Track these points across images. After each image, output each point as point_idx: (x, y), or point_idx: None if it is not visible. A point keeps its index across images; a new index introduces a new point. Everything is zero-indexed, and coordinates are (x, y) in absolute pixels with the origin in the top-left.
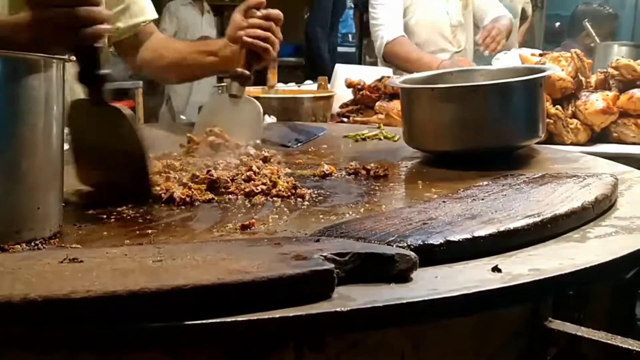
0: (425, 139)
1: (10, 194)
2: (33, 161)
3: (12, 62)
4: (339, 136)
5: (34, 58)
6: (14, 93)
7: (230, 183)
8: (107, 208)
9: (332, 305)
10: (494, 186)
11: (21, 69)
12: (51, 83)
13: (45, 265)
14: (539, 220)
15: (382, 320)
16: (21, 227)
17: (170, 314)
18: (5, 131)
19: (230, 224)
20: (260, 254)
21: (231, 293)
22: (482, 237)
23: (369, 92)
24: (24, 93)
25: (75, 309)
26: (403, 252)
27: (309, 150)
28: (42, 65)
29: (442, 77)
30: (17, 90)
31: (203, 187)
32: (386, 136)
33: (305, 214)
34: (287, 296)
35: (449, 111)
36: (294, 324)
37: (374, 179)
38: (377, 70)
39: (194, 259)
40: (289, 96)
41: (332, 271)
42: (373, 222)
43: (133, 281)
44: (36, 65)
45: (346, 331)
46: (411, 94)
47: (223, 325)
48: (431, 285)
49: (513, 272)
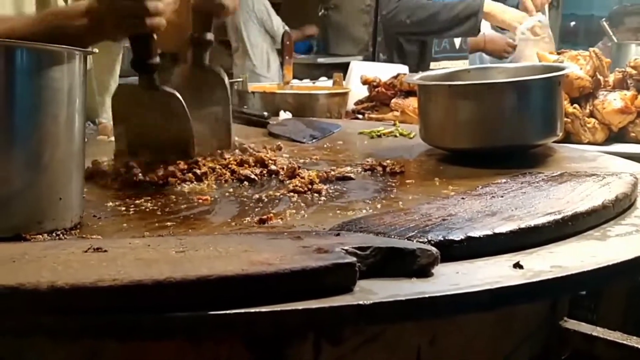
0: (442, 136)
1: (33, 185)
2: (55, 152)
3: (35, 53)
4: (354, 133)
5: (57, 50)
6: (36, 84)
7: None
8: (125, 200)
9: (355, 298)
10: (513, 184)
11: (44, 60)
12: (74, 75)
13: (70, 255)
14: (560, 218)
15: (404, 314)
16: (43, 217)
17: (194, 303)
18: (28, 122)
19: (248, 218)
20: (281, 247)
21: (255, 284)
22: (503, 234)
23: (384, 89)
24: (46, 84)
25: (102, 297)
26: (424, 247)
27: (324, 146)
28: (65, 57)
29: (460, 75)
30: (39, 81)
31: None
32: (402, 133)
33: (322, 209)
34: (310, 289)
35: (466, 108)
36: (316, 316)
37: (390, 176)
38: (393, 67)
39: (217, 250)
40: (304, 92)
41: (355, 264)
42: (392, 217)
43: (158, 271)
44: (59, 56)
45: (368, 324)
46: (428, 91)
47: (247, 316)
48: (452, 280)
49: (535, 269)
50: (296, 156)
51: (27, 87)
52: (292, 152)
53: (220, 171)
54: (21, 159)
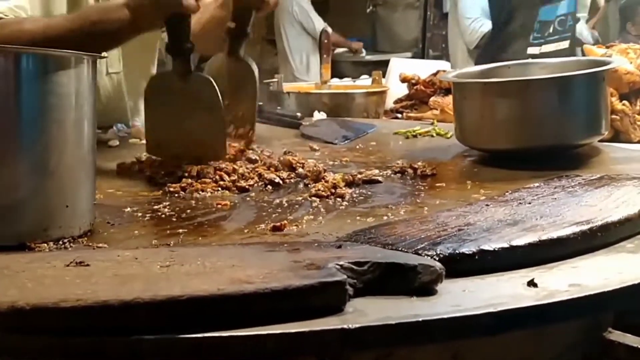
0: (478, 136)
1: (39, 192)
2: (62, 158)
3: (41, 58)
4: (389, 133)
5: (63, 55)
6: (42, 89)
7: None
8: (144, 205)
9: (341, 321)
10: (545, 188)
11: (50, 65)
12: (81, 80)
13: (49, 269)
14: (587, 229)
15: (394, 340)
16: (49, 225)
17: (165, 325)
18: (35, 127)
19: (262, 225)
20: (272, 262)
21: (231, 305)
22: (521, 247)
23: (423, 86)
24: (52, 89)
25: (65, 318)
26: (427, 262)
27: (356, 147)
28: (72, 62)
29: (499, 71)
30: (46, 86)
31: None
32: (439, 133)
33: (342, 215)
34: (294, 309)
35: (502, 107)
36: (295, 342)
37: (421, 179)
38: (433, 64)
39: (203, 265)
40: (340, 92)
41: (344, 283)
42: (405, 226)
43: (129, 290)
44: (66, 61)
45: (355, 350)
46: (463, 89)
47: (218, 340)
48: (456, 300)
49: (550, 288)
50: (326, 158)
51: (33, 92)
52: (323, 153)
53: (248, 175)
54: (27, 165)
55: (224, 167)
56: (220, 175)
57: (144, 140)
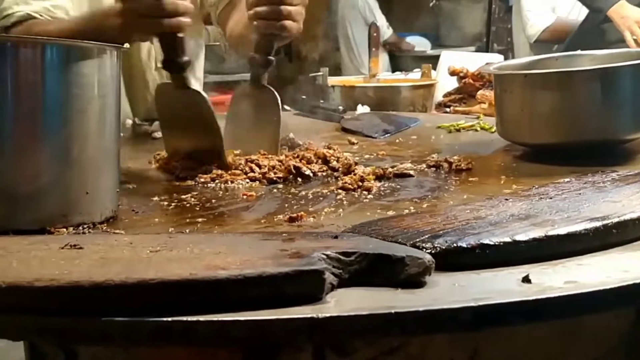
0: (518, 130)
1: (60, 179)
2: (84, 147)
3: (65, 49)
4: (432, 127)
5: (87, 46)
6: (66, 80)
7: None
8: (172, 195)
9: (313, 310)
10: (575, 184)
11: (73, 56)
12: (104, 71)
13: (43, 251)
14: (601, 225)
15: (364, 330)
16: (69, 211)
17: (136, 308)
18: (58, 117)
19: (281, 216)
20: (258, 250)
21: (202, 290)
22: (525, 242)
23: (472, 80)
24: (75, 80)
25: (38, 297)
26: (415, 254)
27: (395, 141)
28: (95, 52)
29: (544, 63)
30: (69, 77)
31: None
32: (483, 127)
33: (363, 207)
34: (270, 297)
35: (543, 99)
36: (263, 329)
37: (455, 173)
38: (484, 57)
39: (192, 251)
40: (385, 85)
41: (321, 272)
42: (413, 219)
43: (104, 272)
44: (89, 52)
45: (325, 339)
46: (503, 81)
47: (185, 324)
48: (440, 293)
49: (544, 285)
50: (364, 152)
51: (56, 82)
52: (361, 147)
53: (279, 167)
54: (50, 153)
55: (255, 159)
56: (251, 167)
57: None
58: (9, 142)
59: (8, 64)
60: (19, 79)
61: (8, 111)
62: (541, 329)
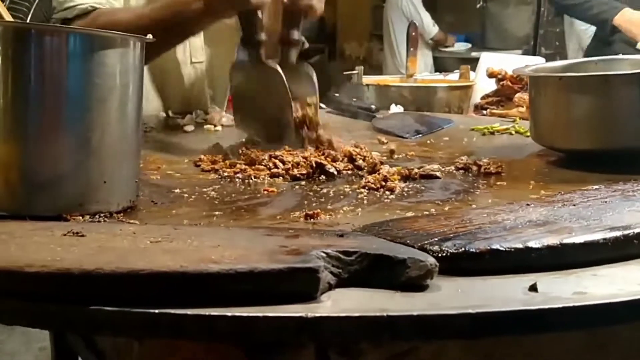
0: (552, 134)
1: (79, 166)
2: (104, 137)
3: (88, 38)
4: (466, 129)
5: (109, 35)
6: (88, 68)
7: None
8: (194, 188)
9: (304, 309)
10: (603, 191)
11: (96, 45)
12: (127, 60)
13: (45, 237)
14: (621, 235)
15: (355, 332)
16: (86, 200)
17: (124, 298)
18: (79, 105)
19: (298, 212)
20: (258, 245)
21: (192, 283)
22: (536, 249)
23: (510, 82)
24: (98, 69)
25: (28, 282)
26: (418, 257)
27: (427, 142)
28: (117, 42)
29: (582, 66)
30: (91, 66)
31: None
32: (518, 131)
33: (383, 207)
34: (261, 293)
35: (579, 104)
36: (248, 325)
37: (484, 176)
38: (525, 60)
39: (191, 244)
40: (421, 85)
41: (316, 270)
42: (427, 221)
43: (97, 260)
44: (111, 42)
45: (312, 340)
46: (537, 83)
47: (171, 317)
48: (438, 298)
49: (551, 294)
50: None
51: (78, 71)
52: (390, 147)
53: (303, 164)
54: (69, 141)
55: (279, 155)
56: (274, 162)
57: (218, 127)
58: (30, 129)
59: (32, 51)
60: (41, 66)
61: (30, 98)
62: (569, 340)
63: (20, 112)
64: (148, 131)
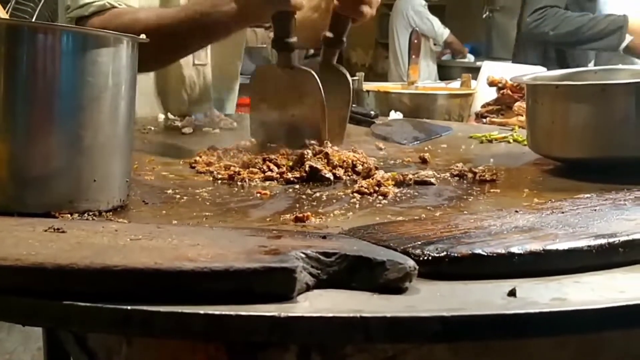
0: (548, 143)
1: (69, 164)
2: (95, 134)
3: (80, 36)
4: (464, 137)
5: (103, 34)
6: (80, 66)
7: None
8: (187, 189)
9: (278, 309)
10: (594, 200)
11: (89, 43)
12: (120, 60)
13: (25, 233)
14: (606, 243)
15: (326, 333)
16: (75, 198)
17: (97, 294)
18: (70, 103)
19: (288, 215)
20: (238, 245)
21: (165, 280)
22: (518, 255)
23: (511, 91)
24: (90, 67)
25: (1, 276)
26: (397, 259)
27: (424, 149)
28: (111, 41)
29: (581, 75)
30: (84, 64)
31: None
32: (516, 139)
33: (374, 212)
34: (237, 292)
35: (575, 112)
36: (219, 323)
37: (478, 184)
38: (527, 69)
39: (171, 242)
40: (421, 92)
41: (292, 270)
42: (413, 225)
43: (72, 255)
44: (104, 41)
45: (283, 340)
46: (534, 92)
47: (142, 314)
48: (414, 301)
49: (529, 299)
50: (389, 158)
51: (71, 69)
52: (388, 152)
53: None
54: (60, 139)
55: (273, 159)
56: (269, 166)
57: (217, 130)
58: (21, 126)
59: (24, 48)
60: (34, 63)
61: (22, 95)
62: (560, 346)
63: (12, 109)
64: (146, 132)
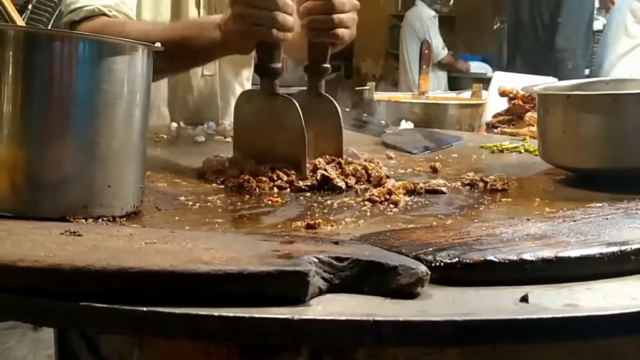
0: (560, 153)
1: (84, 170)
2: (110, 140)
3: (97, 44)
4: (475, 146)
5: (119, 42)
6: (96, 74)
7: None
8: (200, 196)
9: (291, 312)
10: (606, 209)
11: (105, 51)
12: (135, 68)
13: (42, 235)
14: (618, 250)
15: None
16: (89, 203)
17: (113, 295)
18: (86, 109)
19: (300, 222)
20: (251, 249)
21: (180, 282)
22: (530, 261)
23: (522, 101)
24: (106, 75)
25: (20, 277)
26: (409, 264)
27: (435, 158)
28: (127, 49)
29: (593, 85)
30: (100, 71)
31: None
32: (527, 149)
33: (385, 220)
34: (250, 295)
35: (587, 122)
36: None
37: (490, 193)
38: (538, 79)
39: (186, 246)
40: (432, 102)
41: (305, 274)
42: (425, 232)
43: (88, 257)
44: (120, 49)
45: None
46: (546, 101)
47: (157, 316)
48: (426, 306)
49: (541, 305)
50: (400, 167)
51: (87, 76)
52: (399, 162)
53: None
54: (75, 145)
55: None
56: (278, 174)
57: (228, 139)
58: (37, 132)
59: (42, 56)
60: (50, 70)
61: (38, 101)
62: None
63: (28, 115)
64: (158, 140)
